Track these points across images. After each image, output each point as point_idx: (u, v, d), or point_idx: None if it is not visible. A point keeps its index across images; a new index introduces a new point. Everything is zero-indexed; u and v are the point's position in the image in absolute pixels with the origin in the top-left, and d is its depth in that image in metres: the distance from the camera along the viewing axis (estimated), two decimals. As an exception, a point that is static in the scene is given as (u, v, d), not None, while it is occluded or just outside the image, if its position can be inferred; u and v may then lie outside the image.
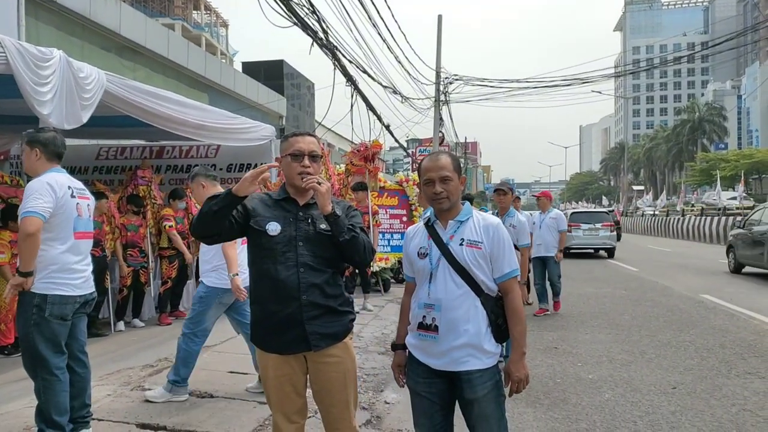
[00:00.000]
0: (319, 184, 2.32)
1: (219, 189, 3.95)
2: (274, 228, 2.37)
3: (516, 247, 6.25)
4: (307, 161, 2.40)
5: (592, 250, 18.20)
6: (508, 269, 2.32)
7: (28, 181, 3.39)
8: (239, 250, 4.01)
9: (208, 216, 2.30)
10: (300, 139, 2.45)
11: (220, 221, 2.32)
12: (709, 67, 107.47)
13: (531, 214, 9.05)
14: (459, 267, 2.29)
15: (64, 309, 3.22)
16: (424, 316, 2.33)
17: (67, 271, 3.25)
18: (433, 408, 2.36)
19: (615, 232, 18.44)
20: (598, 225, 17.42)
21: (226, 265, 4.03)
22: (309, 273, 2.36)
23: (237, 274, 3.98)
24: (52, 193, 3.19)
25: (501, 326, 2.31)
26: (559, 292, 8.40)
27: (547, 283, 8.33)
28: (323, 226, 2.41)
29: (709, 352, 5.99)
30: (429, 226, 2.42)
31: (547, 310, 8.15)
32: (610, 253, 17.67)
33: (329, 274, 2.42)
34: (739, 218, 17.49)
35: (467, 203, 2.47)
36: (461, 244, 2.32)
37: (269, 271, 2.36)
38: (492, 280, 2.33)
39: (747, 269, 12.74)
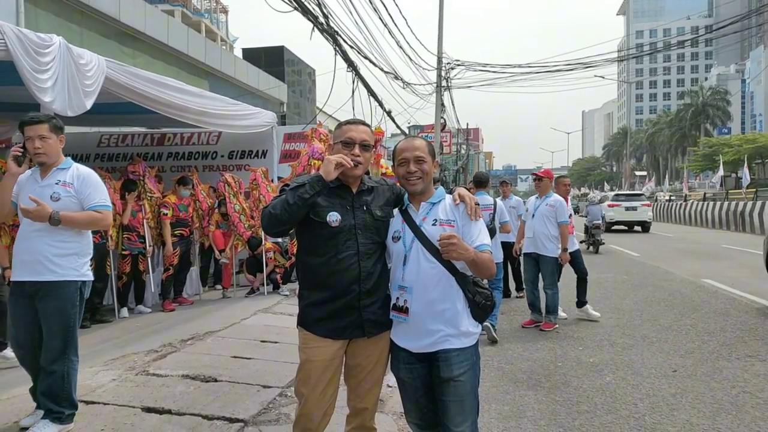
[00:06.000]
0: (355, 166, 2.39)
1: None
2: (335, 218, 2.37)
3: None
4: (357, 150, 2.41)
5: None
6: (478, 242, 2.30)
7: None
8: None
9: (297, 206, 2.29)
10: (353, 128, 2.46)
11: (306, 209, 2.33)
12: (713, 51, 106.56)
13: (524, 201, 7.78)
14: (432, 247, 2.30)
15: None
16: (398, 298, 2.36)
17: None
18: (417, 393, 2.40)
19: None
20: None
21: None
22: (368, 261, 2.39)
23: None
24: None
25: (479, 304, 2.32)
26: (555, 309, 6.37)
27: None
28: (379, 212, 2.45)
29: (710, 335, 6.02)
30: (403, 210, 2.46)
31: (538, 323, 6.43)
32: None
33: (383, 262, 2.47)
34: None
35: (440, 187, 2.51)
36: (434, 224, 2.34)
37: (330, 260, 2.37)
38: None
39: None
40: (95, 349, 5.17)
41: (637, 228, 22.36)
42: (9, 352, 5.10)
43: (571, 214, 6.73)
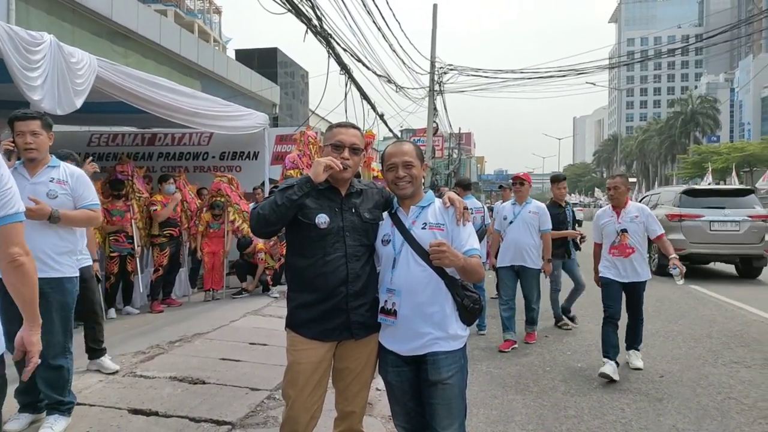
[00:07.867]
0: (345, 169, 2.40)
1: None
2: (323, 220, 2.38)
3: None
4: (347, 153, 2.42)
5: None
6: (468, 247, 2.32)
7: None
8: None
9: (285, 207, 2.31)
10: (343, 131, 2.48)
11: (294, 210, 2.34)
12: (703, 59, 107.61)
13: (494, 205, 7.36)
14: (422, 251, 2.31)
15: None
16: (386, 301, 2.37)
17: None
18: (405, 396, 2.40)
19: None
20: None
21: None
22: (356, 264, 2.40)
23: None
24: None
25: (468, 307, 2.34)
26: (536, 320, 6.07)
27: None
28: (368, 215, 2.46)
29: (697, 341, 6.07)
30: (392, 213, 2.47)
31: (515, 343, 5.74)
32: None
33: (371, 264, 2.48)
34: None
35: (430, 191, 2.53)
36: (424, 228, 2.36)
37: (317, 262, 2.38)
38: None
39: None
40: (82, 350, 5.12)
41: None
42: None
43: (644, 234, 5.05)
